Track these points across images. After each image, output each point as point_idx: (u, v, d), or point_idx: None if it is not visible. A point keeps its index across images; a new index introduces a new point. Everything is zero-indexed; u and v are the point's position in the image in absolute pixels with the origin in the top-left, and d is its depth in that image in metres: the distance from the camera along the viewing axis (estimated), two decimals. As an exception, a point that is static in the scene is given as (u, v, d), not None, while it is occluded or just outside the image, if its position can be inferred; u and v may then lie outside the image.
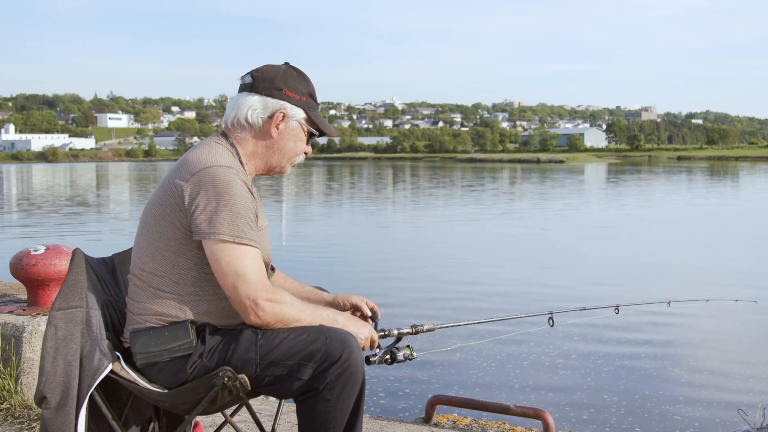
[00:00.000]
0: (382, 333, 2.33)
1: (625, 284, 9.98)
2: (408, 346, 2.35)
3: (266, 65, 2.22)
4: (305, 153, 2.29)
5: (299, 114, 2.19)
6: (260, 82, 2.17)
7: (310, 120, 2.23)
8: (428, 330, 2.48)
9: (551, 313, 2.90)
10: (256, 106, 2.16)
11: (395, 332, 2.38)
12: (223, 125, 2.23)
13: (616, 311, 3.30)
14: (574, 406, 5.06)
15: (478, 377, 5.71)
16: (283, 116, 2.17)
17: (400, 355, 2.31)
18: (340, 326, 2.09)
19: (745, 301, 4.65)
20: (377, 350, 2.27)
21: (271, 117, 2.16)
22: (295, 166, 2.30)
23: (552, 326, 2.87)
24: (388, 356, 2.30)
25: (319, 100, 2.31)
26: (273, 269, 2.42)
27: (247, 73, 2.21)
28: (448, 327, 2.63)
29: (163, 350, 2.02)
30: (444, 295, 9.15)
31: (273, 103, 2.16)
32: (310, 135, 2.26)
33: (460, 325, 2.71)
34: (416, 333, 2.45)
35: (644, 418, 4.84)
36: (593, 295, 8.99)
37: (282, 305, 2.01)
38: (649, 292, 9.21)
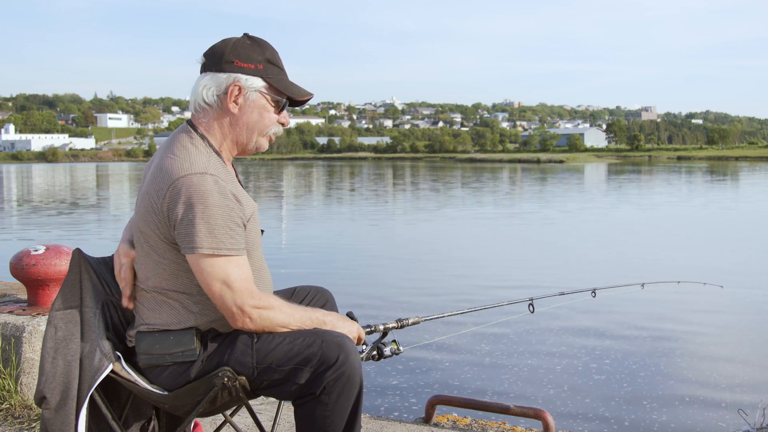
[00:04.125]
0: (368, 329, 2.33)
1: (602, 271, 10.59)
2: (394, 341, 2.35)
3: (220, 41, 2.11)
4: (281, 124, 2.16)
5: (257, 83, 2.07)
6: (210, 59, 2.08)
7: (272, 87, 2.10)
8: (414, 323, 2.48)
9: (531, 299, 2.92)
10: (209, 85, 2.06)
11: (381, 327, 2.38)
12: (189, 113, 2.15)
13: (593, 295, 3.36)
14: (573, 403, 5.05)
15: (477, 373, 5.70)
16: (239, 89, 2.05)
17: (387, 350, 2.31)
18: (328, 327, 2.08)
19: (712, 284, 4.95)
20: (364, 347, 2.27)
21: (226, 93, 2.05)
22: (273, 140, 2.18)
23: (533, 312, 2.89)
24: (375, 352, 2.30)
25: (318, 99, 2.19)
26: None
27: (203, 53, 2.12)
28: (432, 319, 2.64)
29: (166, 354, 2.02)
30: (428, 289, 9.28)
31: (225, 77, 2.05)
32: (281, 104, 2.12)
33: (444, 316, 2.72)
34: (402, 327, 2.45)
35: (644, 418, 4.83)
36: (572, 282, 9.34)
37: (269, 311, 2.00)
38: (625, 277, 9.64)
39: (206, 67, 2.08)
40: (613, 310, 7.81)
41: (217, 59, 2.07)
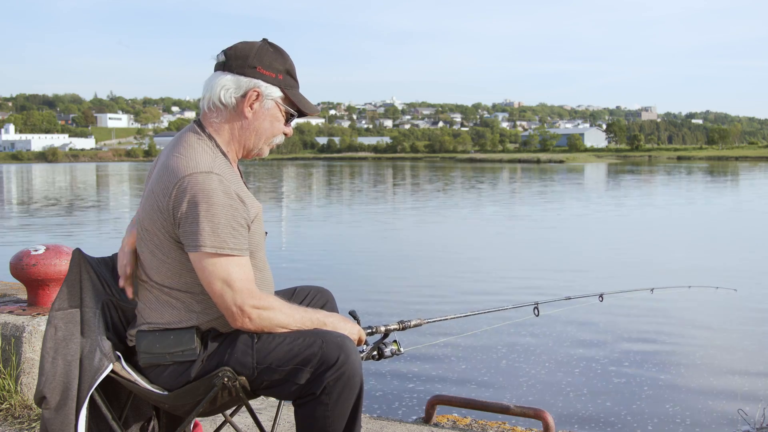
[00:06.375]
0: (369, 330, 2.34)
1: (609, 274, 10.52)
2: (395, 341, 2.37)
3: (241, 42, 2.12)
4: (284, 134, 2.18)
5: (275, 93, 2.10)
6: (233, 60, 2.07)
7: (287, 99, 2.13)
8: (416, 325, 2.49)
9: (536, 304, 2.92)
10: (228, 86, 2.06)
11: (382, 329, 2.39)
12: (200, 110, 2.15)
13: (601, 299, 3.33)
14: (573, 403, 5.05)
15: (477, 374, 5.71)
16: (257, 95, 2.07)
17: (387, 351, 2.33)
18: (329, 328, 2.09)
19: (726, 288, 4.78)
20: (364, 346, 2.28)
21: (244, 96, 2.06)
22: (273, 147, 2.21)
23: (537, 316, 2.89)
24: (375, 352, 2.32)
25: (318, 99, 2.22)
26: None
27: (221, 51, 2.11)
28: (435, 321, 2.64)
29: (166, 353, 2.02)
30: (430, 291, 9.27)
31: (246, 81, 2.06)
32: (290, 115, 2.16)
33: (447, 319, 2.73)
34: (403, 329, 2.46)
35: (643, 417, 4.83)
36: (578, 286, 9.27)
37: (269, 311, 2.00)
38: (634, 280, 9.60)
39: (226, 67, 2.08)
40: (620, 314, 7.78)
41: (240, 61, 2.07)
